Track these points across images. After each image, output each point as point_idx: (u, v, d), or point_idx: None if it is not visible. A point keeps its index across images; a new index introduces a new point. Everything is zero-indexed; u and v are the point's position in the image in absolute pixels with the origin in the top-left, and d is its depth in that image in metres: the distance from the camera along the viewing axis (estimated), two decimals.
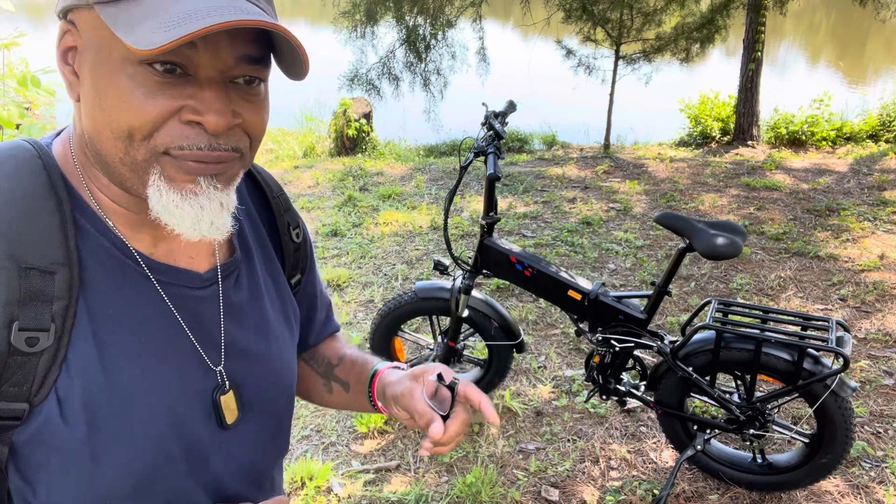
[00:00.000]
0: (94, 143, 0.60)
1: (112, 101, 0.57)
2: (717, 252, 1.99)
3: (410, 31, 6.85)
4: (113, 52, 0.56)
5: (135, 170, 0.59)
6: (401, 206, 5.19)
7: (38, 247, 0.58)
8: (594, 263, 4.11)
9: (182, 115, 0.58)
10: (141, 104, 0.56)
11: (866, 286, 3.69)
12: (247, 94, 0.61)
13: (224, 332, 0.71)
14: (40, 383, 0.58)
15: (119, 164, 0.59)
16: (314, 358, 0.96)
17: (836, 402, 2.00)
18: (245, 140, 0.63)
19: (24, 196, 0.59)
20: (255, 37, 0.59)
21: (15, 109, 1.97)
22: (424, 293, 2.50)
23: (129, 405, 0.62)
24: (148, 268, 0.66)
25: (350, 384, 0.92)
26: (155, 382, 0.64)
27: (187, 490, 0.68)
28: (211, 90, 0.58)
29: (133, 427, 0.63)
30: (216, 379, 0.70)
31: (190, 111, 0.57)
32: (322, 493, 2.31)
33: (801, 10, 17.39)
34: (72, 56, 0.61)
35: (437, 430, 0.73)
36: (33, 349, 0.57)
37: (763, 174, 5.79)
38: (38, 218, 0.59)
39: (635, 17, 6.68)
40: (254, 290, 0.76)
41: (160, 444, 0.65)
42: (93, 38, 0.58)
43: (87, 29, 0.58)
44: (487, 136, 2.29)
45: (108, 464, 0.61)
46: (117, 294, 0.63)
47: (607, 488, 2.33)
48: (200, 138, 0.58)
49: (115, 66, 0.56)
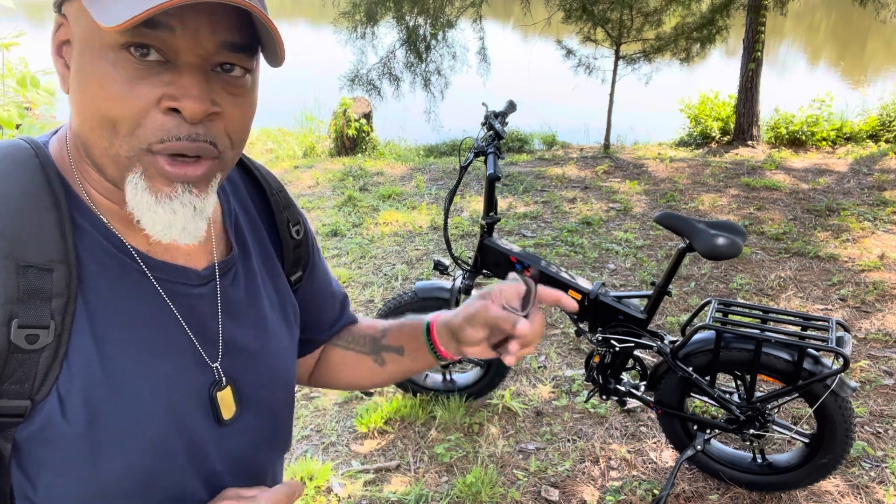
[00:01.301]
0: (81, 136, 0.60)
1: (95, 89, 0.56)
2: (717, 252, 1.99)
3: (411, 31, 6.85)
4: (95, 40, 0.56)
5: (117, 163, 0.59)
6: (401, 206, 5.19)
7: (35, 245, 0.58)
8: (594, 263, 4.11)
9: (162, 104, 0.56)
10: (123, 92, 0.55)
11: (866, 286, 3.69)
12: (230, 85, 0.60)
13: (222, 328, 0.71)
14: (42, 380, 0.58)
15: (102, 154, 0.59)
16: (354, 341, 0.95)
17: (836, 402, 2.00)
18: (224, 139, 0.61)
19: (22, 194, 0.59)
20: (238, 23, 0.59)
21: (14, 110, 1.97)
22: (424, 293, 2.50)
23: (130, 402, 0.62)
24: (145, 265, 0.66)
25: (405, 346, 0.91)
26: (154, 379, 0.65)
27: (187, 485, 0.68)
28: (190, 76, 0.56)
29: (134, 423, 0.63)
30: (213, 375, 0.70)
31: (168, 98, 0.56)
32: (322, 493, 2.31)
33: (801, 10, 17.39)
34: (66, 49, 0.61)
35: (524, 325, 0.75)
36: (34, 346, 0.57)
37: (763, 174, 5.79)
38: (35, 216, 0.58)
39: (635, 17, 6.68)
40: (251, 288, 0.76)
41: (161, 440, 0.65)
42: (80, 28, 0.58)
43: (75, 19, 0.58)
44: (487, 136, 2.29)
45: (109, 460, 0.62)
46: (116, 291, 0.63)
47: (607, 488, 2.33)
48: (180, 128, 0.57)
49: (97, 52, 0.56)
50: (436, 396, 2.74)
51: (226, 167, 0.64)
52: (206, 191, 0.61)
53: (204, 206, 0.61)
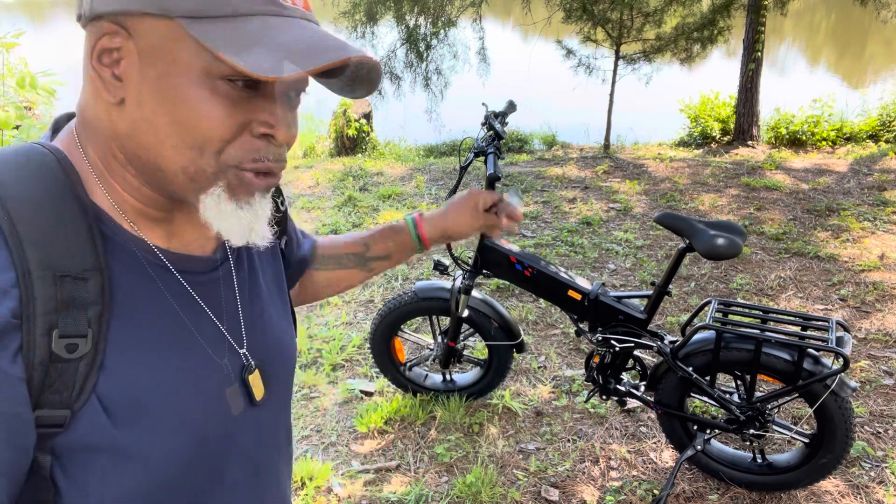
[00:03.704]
0: (145, 149, 0.61)
1: (188, 112, 0.58)
2: (717, 252, 1.99)
3: (411, 30, 6.85)
4: (192, 64, 0.57)
5: (196, 180, 0.61)
6: (401, 206, 5.19)
7: (69, 254, 0.59)
8: (594, 263, 4.11)
9: (253, 129, 0.61)
10: (221, 117, 0.58)
11: (866, 286, 3.69)
12: (292, 108, 0.65)
13: (241, 312, 0.75)
14: (80, 388, 0.59)
15: (180, 171, 0.61)
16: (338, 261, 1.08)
17: (836, 402, 2.00)
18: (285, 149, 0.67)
19: (52, 202, 0.59)
20: None
21: (14, 111, 1.97)
22: (424, 293, 2.50)
23: (173, 397, 0.65)
24: (167, 259, 0.68)
25: (391, 253, 1.11)
26: (192, 371, 0.67)
27: (223, 467, 0.72)
28: (281, 104, 0.62)
29: (179, 418, 0.65)
30: (242, 360, 0.73)
31: (264, 125, 0.61)
32: (322, 493, 2.31)
33: (801, 9, 17.38)
34: (108, 58, 0.60)
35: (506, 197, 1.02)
36: (73, 355, 0.58)
37: (763, 174, 5.79)
38: (67, 225, 0.59)
39: (636, 18, 6.68)
40: (251, 263, 0.80)
41: (202, 429, 0.68)
42: (160, 48, 0.57)
43: (149, 36, 0.57)
44: (487, 136, 2.29)
45: (157, 456, 0.64)
46: (144, 291, 0.65)
47: (607, 488, 2.33)
48: (270, 150, 0.62)
49: (193, 78, 0.57)
50: (436, 396, 2.74)
51: None
52: (267, 195, 0.67)
53: (267, 210, 0.67)
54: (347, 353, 3.13)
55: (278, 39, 0.56)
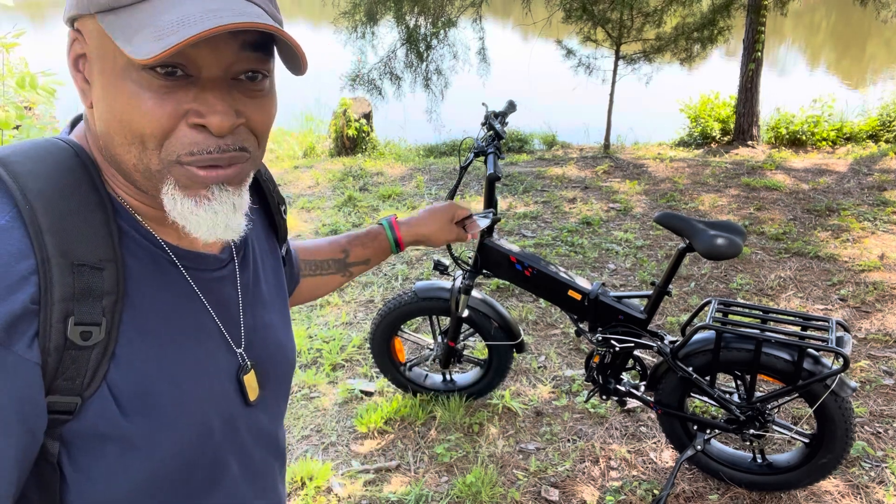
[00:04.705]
0: (109, 148, 0.62)
1: (121, 106, 0.58)
2: (717, 252, 1.99)
3: (411, 31, 6.85)
4: (118, 59, 0.58)
5: (149, 177, 0.61)
6: (401, 206, 5.19)
7: (87, 243, 0.60)
8: (594, 263, 4.11)
9: (188, 119, 0.59)
10: (149, 109, 0.57)
11: (866, 286, 3.69)
12: (250, 92, 0.62)
13: (242, 313, 0.75)
14: (91, 376, 0.60)
15: (133, 169, 0.61)
16: (318, 267, 1.11)
17: (836, 402, 2.00)
18: (251, 139, 0.64)
19: (71, 194, 0.61)
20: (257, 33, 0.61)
21: (14, 111, 1.97)
22: (424, 293, 2.50)
23: (180, 389, 0.66)
24: (175, 255, 0.69)
25: (370, 257, 1.16)
26: (196, 365, 0.68)
27: (223, 462, 0.73)
28: (213, 91, 0.59)
29: (184, 410, 0.66)
30: (238, 360, 0.74)
31: (194, 114, 0.59)
32: (322, 493, 2.31)
33: (801, 10, 17.38)
34: (82, 63, 0.62)
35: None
36: (87, 343, 0.59)
37: (763, 174, 5.79)
38: (85, 215, 0.61)
39: (636, 18, 6.67)
40: (255, 267, 0.80)
41: (204, 422, 0.69)
42: (98, 46, 0.59)
43: (91, 37, 0.60)
44: (487, 136, 2.29)
45: (163, 447, 0.65)
46: (154, 284, 0.66)
47: (607, 488, 2.33)
48: (209, 142, 0.60)
49: (120, 72, 0.58)
50: (436, 396, 2.74)
51: (256, 163, 0.67)
52: (240, 187, 0.65)
53: (241, 202, 0.65)
54: (347, 353, 3.13)
55: (166, 18, 0.54)
